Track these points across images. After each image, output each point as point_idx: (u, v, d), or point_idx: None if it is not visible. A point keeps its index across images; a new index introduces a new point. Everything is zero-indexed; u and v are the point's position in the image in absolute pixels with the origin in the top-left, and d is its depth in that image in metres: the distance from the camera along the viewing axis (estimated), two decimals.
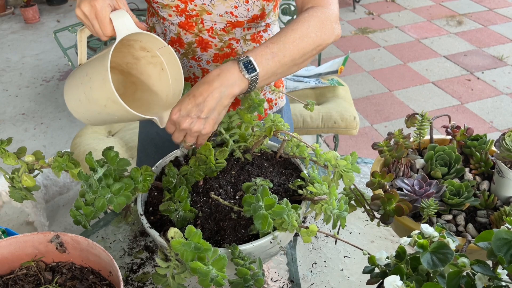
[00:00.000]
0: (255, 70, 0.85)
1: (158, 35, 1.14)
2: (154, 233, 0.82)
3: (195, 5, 1.04)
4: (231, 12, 1.04)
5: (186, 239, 0.73)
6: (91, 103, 0.90)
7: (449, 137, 1.07)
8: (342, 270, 0.99)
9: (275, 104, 1.27)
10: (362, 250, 0.81)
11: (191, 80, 1.16)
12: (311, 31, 0.91)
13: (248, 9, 1.04)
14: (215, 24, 1.07)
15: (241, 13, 1.04)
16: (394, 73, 3.58)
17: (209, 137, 0.92)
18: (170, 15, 1.08)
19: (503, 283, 0.64)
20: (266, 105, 1.23)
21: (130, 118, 0.91)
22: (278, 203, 0.78)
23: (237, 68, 0.85)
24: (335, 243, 1.05)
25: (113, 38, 0.88)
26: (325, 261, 1.02)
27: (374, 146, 1.05)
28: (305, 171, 0.93)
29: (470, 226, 0.88)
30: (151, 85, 1.03)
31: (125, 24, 0.87)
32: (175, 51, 0.99)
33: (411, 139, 1.06)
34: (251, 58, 0.86)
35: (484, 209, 0.91)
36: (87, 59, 0.95)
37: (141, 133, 1.39)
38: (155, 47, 0.97)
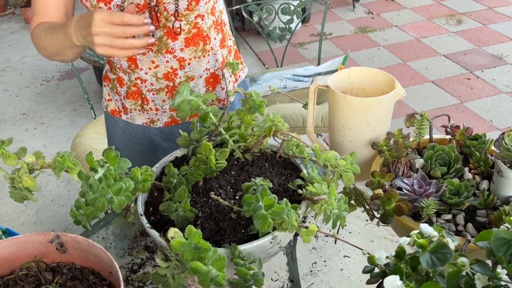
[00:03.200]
0: None
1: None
2: (154, 233, 0.82)
3: None
4: None
5: (186, 239, 0.73)
6: None
7: (448, 136, 1.07)
8: (342, 269, 1.00)
9: (239, 76, 1.33)
10: (361, 249, 0.81)
11: (170, 75, 1.18)
12: None
13: None
14: (178, 7, 1.07)
15: None
16: (394, 72, 3.58)
17: (209, 137, 0.93)
18: None
19: (503, 283, 0.64)
20: (233, 78, 1.30)
21: None
22: (277, 203, 0.78)
23: None
24: (335, 243, 1.05)
25: None
26: (325, 261, 1.02)
27: (374, 145, 1.05)
28: (304, 171, 0.93)
29: (469, 225, 0.88)
30: None
31: None
32: (148, 52, 1.09)
33: (411, 139, 1.07)
34: None
35: (484, 208, 0.91)
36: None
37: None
38: None
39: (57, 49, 1.08)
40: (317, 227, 0.82)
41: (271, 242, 0.80)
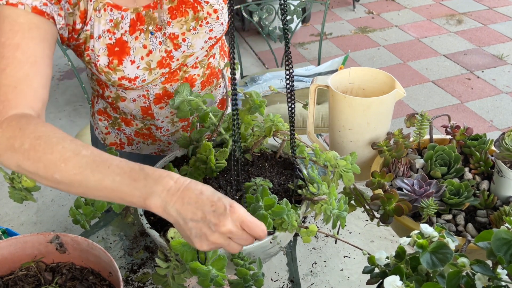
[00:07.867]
0: None
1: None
2: (154, 233, 0.82)
3: (177, 59, 1.03)
4: (209, 38, 1.04)
5: None
6: None
7: (448, 136, 1.07)
8: (342, 270, 1.00)
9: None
10: (362, 250, 0.81)
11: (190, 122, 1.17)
12: None
13: (222, 23, 1.04)
14: (197, 58, 1.07)
15: (217, 31, 1.05)
16: (394, 72, 3.58)
17: (209, 138, 0.92)
18: (155, 85, 1.05)
19: (503, 283, 0.64)
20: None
21: None
22: (277, 203, 0.78)
23: None
24: (335, 243, 1.05)
25: None
26: (325, 261, 1.02)
27: (374, 145, 1.05)
28: (304, 171, 0.93)
29: (469, 225, 0.88)
30: None
31: None
32: (165, 105, 1.07)
33: (411, 139, 1.06)
34: None
35: (484, 208, 0.91)
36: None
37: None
38: None
39: (77, 186, 0.69)
40: (317, 227, 0.82)
41: (271, 242, 0.80)
